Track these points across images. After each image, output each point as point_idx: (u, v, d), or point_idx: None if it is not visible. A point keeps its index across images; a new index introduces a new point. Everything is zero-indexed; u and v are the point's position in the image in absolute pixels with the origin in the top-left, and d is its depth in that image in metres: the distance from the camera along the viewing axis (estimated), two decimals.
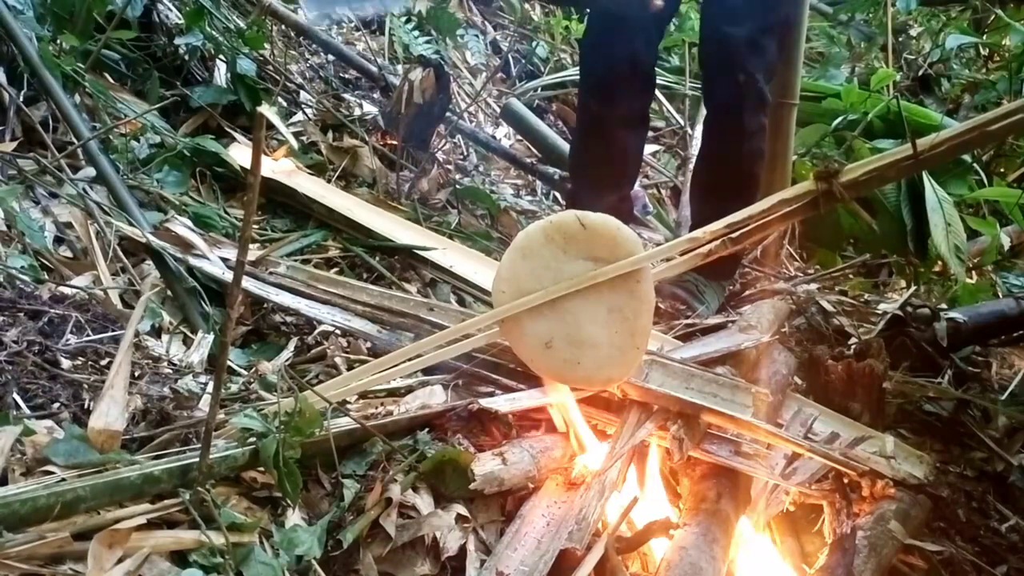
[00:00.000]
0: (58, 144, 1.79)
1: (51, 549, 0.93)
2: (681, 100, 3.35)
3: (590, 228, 1.24)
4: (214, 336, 1.49)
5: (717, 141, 2.16)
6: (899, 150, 1.39)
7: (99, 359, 1.32)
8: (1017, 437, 1.86)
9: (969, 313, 2.19)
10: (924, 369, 2.04)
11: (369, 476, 1.20)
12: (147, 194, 1.81)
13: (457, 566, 1.14)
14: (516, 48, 3.56)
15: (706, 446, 1.38)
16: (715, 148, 2.17)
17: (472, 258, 1.96)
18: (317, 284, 1.61)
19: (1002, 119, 1.34)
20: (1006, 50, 3.90)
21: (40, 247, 1.55)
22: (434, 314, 1.53)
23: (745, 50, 1.97)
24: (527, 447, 1.28)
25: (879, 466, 1.49)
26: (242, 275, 0.96)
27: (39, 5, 1.91)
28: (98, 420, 1.06)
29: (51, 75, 1.78)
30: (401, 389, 1.42)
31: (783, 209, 1.39)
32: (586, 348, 1.23)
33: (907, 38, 4.30)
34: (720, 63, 2.03)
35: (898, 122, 2.83)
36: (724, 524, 1.27)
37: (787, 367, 1.68)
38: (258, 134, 0.87)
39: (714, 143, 2.19)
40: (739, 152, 2.05)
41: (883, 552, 1.36)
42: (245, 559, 1.01)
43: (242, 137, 2.14)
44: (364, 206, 2.02)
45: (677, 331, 1.82)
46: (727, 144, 2.09)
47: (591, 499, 1.18)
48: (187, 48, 2.23)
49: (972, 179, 2.88)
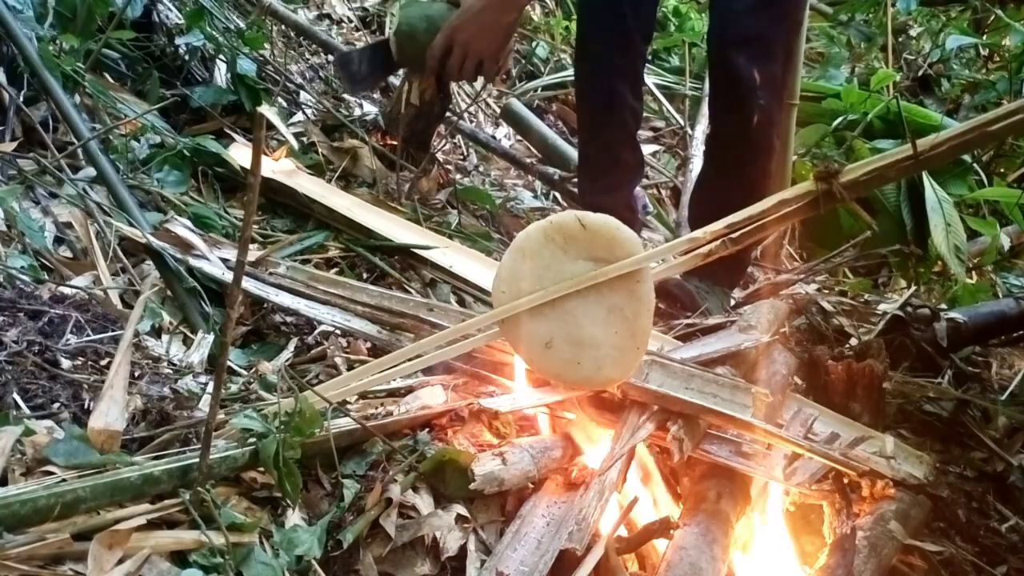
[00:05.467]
0: (58, 144, 1.79)
1: (51, 550, 0.93)
2: (681, 100, 3.35)
3: (590, 228, 1.24)
4: (214, 336, 1.49)
5: (724, 170, 2.09)
6: (899, 150, 1.39)
7: (99, 359, 1.32)
8: (1017, 437, 1.86)
9: (969, 313, 2.18)
10: (924, 369, 2.04)
11: (369, 476, 1.20)
12: (147, 194, 1.81)
13: (457, 566, 1.14)
14: (516, 48, 3.56)
15: (706, 446, 1.38)
16: (722, 175, 2.09)
17: (472, 258, 1.96)
18: (317, 284, 1.61)
19: (1002, 119, 1.34)
20: (1006, 50, 3.90)
21: (40, 247, 1.55)
22: (434, 314, 1.53)
23: (759, 82, 1.90)
24: (527, 447, 1.28)
25: (879, 466, 1.49)
26: (242, 275, 0.96)
27: (39, 4, 1.91)
28: (98, 420, 1.06)
29: (51, 75, 1.78)
30: (401, 389, 1.42)
31: (783, 209, 1.39)
32: (586, 348, 1.23)
33: (907, 38, 4.30)
34: (733, 101, 1.96)
35: (898, 122, 2.83)
36: (724, 524, 1.27)
37: (787, 367, 1.67)
38: (258, 134, 0.87)
39: (721, 171, 2.11)
40: (744, 177, 1.98)
41: (883, 552, 1.36)
42: (245, 559, 1.01)
43: (242, 137, 2.14)
44: (364, 206, 2.01)
45: (677, 331, 1.82)
46: (735, 174, 2.02)
47: (591, 500, 1.18)
48: (187, 48, 2.24)
49: (972, 179, 2.88)
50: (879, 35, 3.82)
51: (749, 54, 1.91)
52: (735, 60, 1.92)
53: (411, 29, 2.10)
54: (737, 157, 2.03)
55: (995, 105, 3.23)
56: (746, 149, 2.00)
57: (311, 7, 3.06)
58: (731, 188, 1.94)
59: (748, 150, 2.01)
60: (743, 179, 1.98)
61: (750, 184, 1.94)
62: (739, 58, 1.91)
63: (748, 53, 1.91)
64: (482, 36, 2.02)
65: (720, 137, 2.11)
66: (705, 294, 2.00)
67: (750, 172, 2.01)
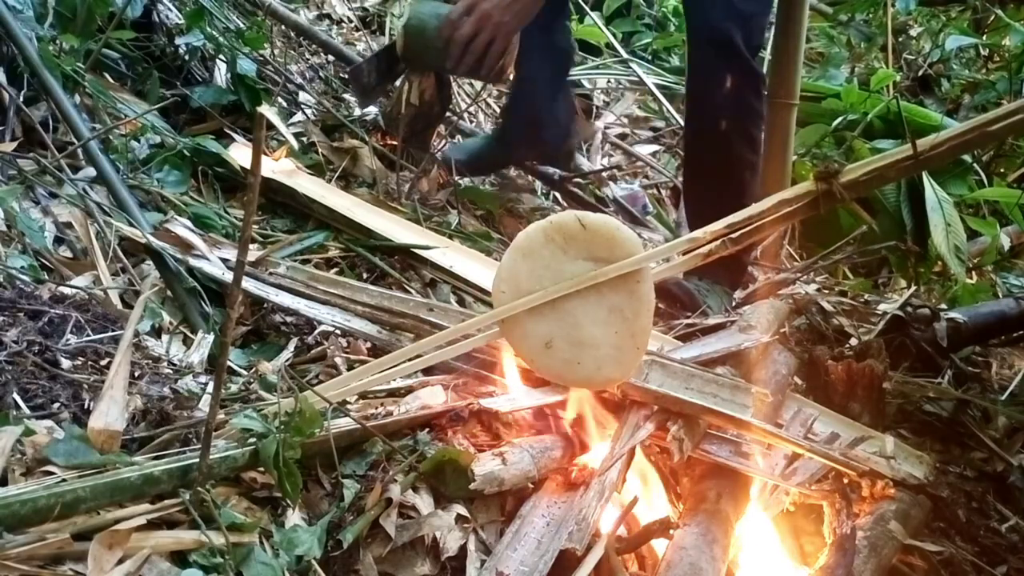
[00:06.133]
0: (58, 144, 1.79)
1: (51, 550, 0.93)
2: (681, 100, 3.34)
3: (590, 228, 1.24)
4: (214, 336, 1.49)
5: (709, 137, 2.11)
6: (899, 150, 1.39)
7: (99, 359, 1.32)
8: (1017, 437, 1.86)
9: (969, 313, 2.18)
10: (924, 369, 2.04)
11: (369, 476, 1.20)
12: (147, 194, 1.81)
13: (457, 566, 1.15)
14: None
15: (706, 446, 1.38)
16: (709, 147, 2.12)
17: (472, 258, 1.96)
18: (317, 284, 1.61)
19: (1002, 119, 1.34)
20: (1006, 50, 3.90)
21: (40, 247, 1.55)
22: (434, 314, 1.53)
23: (738, 37, 1.97)
24: (527, 447, 1.28)
25: (879, 466, 1.49)
26: (242, 275, 0.96)
27: (39, 4, 1.91)
28: (98, 420, 1.06)
29: (51, 75, 1.78)
30: (401, 389, 1.42)
31: (783, 209, 1.39)
32: (586, 348, 1.23)
33: (907, 38, 4.29)
34: (711, 61, 2.03)
35: (898, 122, 2.83)
36: (724, 524, 1.27)
37: (787, 367, 1.68)
38: (258, 134, 0.87)
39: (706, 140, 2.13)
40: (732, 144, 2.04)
41: (883, 552, 1.36)
42: (245, 559, 1.01)
43: (242, 137, 2.14)
44: (364, 206, 2.01)
45: (677, 331, 1.82)
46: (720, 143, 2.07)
47: (591, 499, 1.18)
48: (187, 48, 2.24)
49: (972, 179, 2.88)
50: (879, 35, 3.82)
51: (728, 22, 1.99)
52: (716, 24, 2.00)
53: (421, 24, 2.08)
54: (714, 123, 2.07)
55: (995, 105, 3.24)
56: (724, 112, 2.04)
57: (311, 7, 3.06)
58: (712, 162, 2.05)
59: (726, 113, 2.04)
60: (721, 147, 2.05)
61: (728, 155, 2.04)
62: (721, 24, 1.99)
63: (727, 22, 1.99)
64: (506, 9, 2.02)
65: (696, 108, 2.14)
66: (705, 292, 2.01)
67: (729, 139, 2.05)
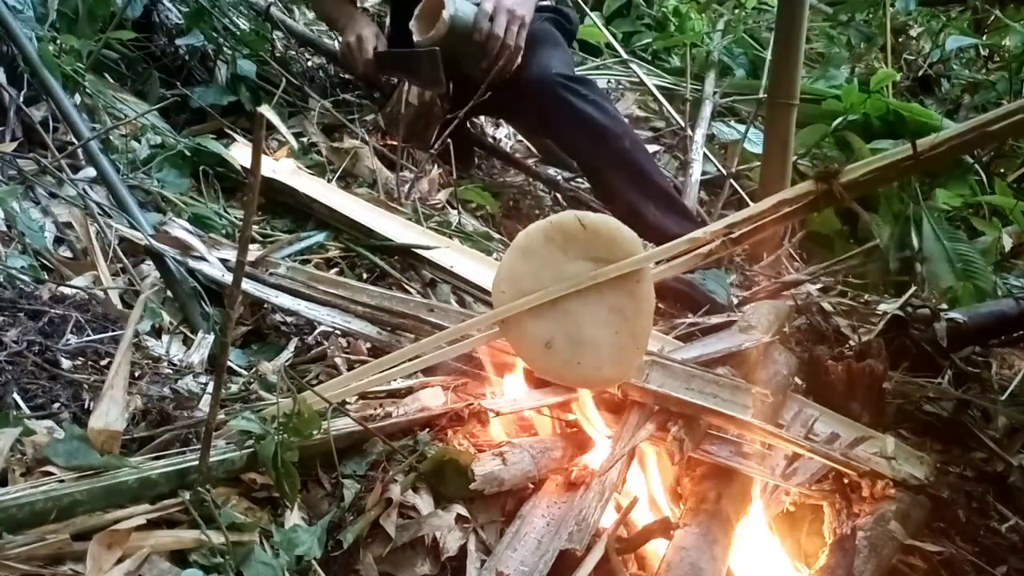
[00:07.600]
0: (58, 144, 1.79)
1: (51, 550, 0.93)
2: (681, 101, 3.34)
3: (590, 228, 1.24)
4: (214, 336, 1.49)
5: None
6: (899, 150, 1.39)
7: (99, 359, 1.32)
8: (1017, 437, 1.86)
9: (969, 313, 2.18)
10: (924, 369, 2.04)
11: (369, 476, 1.20)
12: (147, 194, 1.81)
13: (457, 566, 1.15)
14: None
15: (706, 446, 1.38)
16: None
17: (472, 258, 1.96)
18: (317, 285, 1.61)
19: (1002, 119, 1.34)
20: (1006, 50, 3.90)
21: (40, 247, 1.55)
22: (434, 314, 1.53)
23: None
24: (527, 447, 1.28)
25: (879, 467, 1.49)
26: (242, 276, 0.96)
27: (40, 4, 1.91)
28: (98, 420, 1.06)
29: (51, 75, 1.78)
30: (401, 390, 1.42)
31: (783, 209, 1.39)
32: (586, 348, 1.23)
33: (907, 38, 4.29)
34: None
35: (898, 122, 2.83)
36: (724, 524, 1.27)
37: (787, 367, 1.67)
38: (258, 134, 0.87)
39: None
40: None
41: (883, 552, 1.36)
42: (245, 559, 1.01)
43: (242, 137, 2.14)
44: (364, 206, 2.01)
45: (678, 332, 1.82)
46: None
47: (591, 500, 1.18)
48: (187, 48, 2.24)
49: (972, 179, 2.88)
50: (879, 35, 3.82)
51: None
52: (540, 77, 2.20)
53: (464, 19, 2.14)
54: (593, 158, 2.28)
55: (995, 105, 3.23)
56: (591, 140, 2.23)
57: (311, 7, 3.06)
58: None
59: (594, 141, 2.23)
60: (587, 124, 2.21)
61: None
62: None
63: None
64: (523, 3, 2.15)
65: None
66: (702, 280, 2.05)
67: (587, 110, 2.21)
